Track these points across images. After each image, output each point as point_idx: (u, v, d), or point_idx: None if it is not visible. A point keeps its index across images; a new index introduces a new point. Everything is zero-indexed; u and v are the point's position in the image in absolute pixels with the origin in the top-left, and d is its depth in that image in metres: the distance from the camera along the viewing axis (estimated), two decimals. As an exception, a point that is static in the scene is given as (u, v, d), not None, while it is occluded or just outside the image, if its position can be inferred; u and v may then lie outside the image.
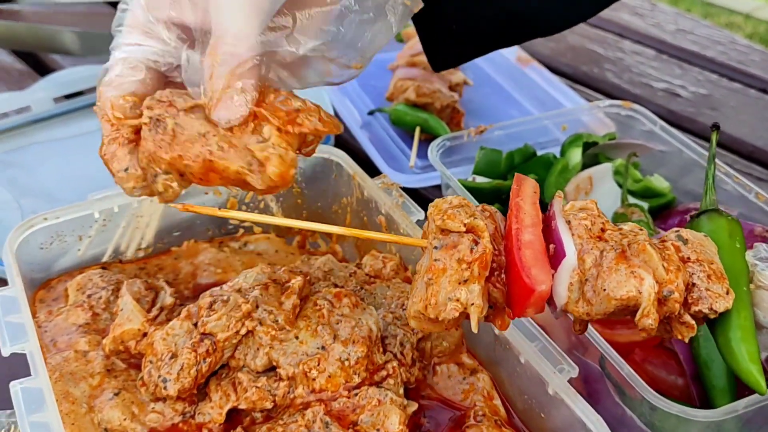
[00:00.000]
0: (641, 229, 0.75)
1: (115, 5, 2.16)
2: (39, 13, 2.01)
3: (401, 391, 0.85)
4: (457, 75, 1.57)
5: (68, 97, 1.54)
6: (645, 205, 1.19)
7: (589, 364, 0.92)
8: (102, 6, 2.04)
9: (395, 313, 0.91)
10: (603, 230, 0.74)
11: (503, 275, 0.73)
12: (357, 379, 0.82)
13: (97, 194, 1.02)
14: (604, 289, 0.70)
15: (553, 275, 0.72)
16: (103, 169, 0.80)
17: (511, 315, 0.74)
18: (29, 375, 0.80)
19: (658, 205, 1.22)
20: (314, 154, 1.09)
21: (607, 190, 1.21)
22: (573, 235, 0.73)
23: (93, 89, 1.53)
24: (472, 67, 1.73)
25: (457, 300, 0.70)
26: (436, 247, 0.72)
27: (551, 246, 0.74)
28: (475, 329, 0.70)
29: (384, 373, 0.84)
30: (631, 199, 1.20)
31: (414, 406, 0.84)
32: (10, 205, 1.27)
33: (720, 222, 0.79)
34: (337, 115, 1.52)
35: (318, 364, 0.82)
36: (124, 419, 0.82)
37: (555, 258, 0.73)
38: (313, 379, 0.81)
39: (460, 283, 0.70)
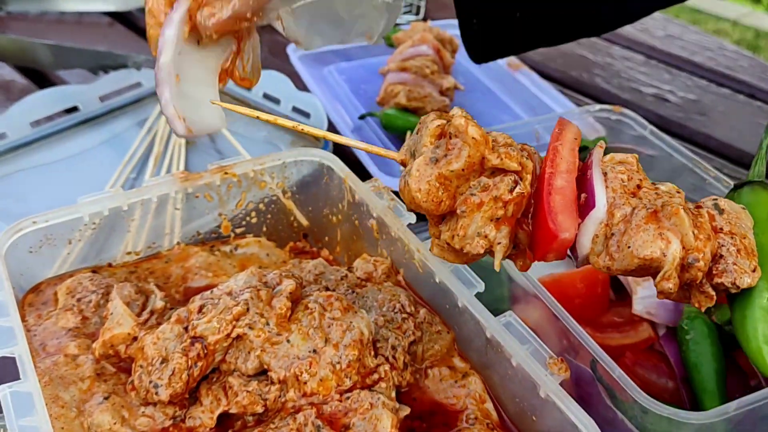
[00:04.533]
0: (678, 192, 0.73)
1: (113, 15, 2.08)
2: (24, 23, 1.96)
3: (393, 394, 0.85)
4: (448, 79, 1.57)
5: (49, 118, 1.45)
6: (635, 209, 1.19)
7: (580, 368, 0.93)
8: (100, 16, 2.00)
9: (387, 317, 0.91)
10: (639, 187, 0.73)
11: (530, 217, 0.72)
12: (349, 383, 0.82)
13: (86, 197, 1.02)
14: (629, 246, 0.68)
15: (579, 224, 0.71)
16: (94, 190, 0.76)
17: (532, 258, 0.74)
18: (18, 379, 0.79)
19: (648, 209, 1.22)
20: (305, 159, 1.10)
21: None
22: (607, 187, 0.72)
23: (71, 110, 1.46)
24: (463, 72, 1.74)
25: (486, 237, 0.70)
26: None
27: (583, 195, 0.73)
28: (497, 267, 0.71)
29: (376, 376, 0.84)
30: (622, 203, 1.21)
31: (406, 410, 0.83)
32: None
33: (762, 196, 0.76)
34: (328, 119, 1.52)
35: (309, 368, 0.81)
36: (114, 423, 0.81)
37: (585, 207, 0.72)
38: (305, 383, 0.81)
39: (491, 221, 0.70)
